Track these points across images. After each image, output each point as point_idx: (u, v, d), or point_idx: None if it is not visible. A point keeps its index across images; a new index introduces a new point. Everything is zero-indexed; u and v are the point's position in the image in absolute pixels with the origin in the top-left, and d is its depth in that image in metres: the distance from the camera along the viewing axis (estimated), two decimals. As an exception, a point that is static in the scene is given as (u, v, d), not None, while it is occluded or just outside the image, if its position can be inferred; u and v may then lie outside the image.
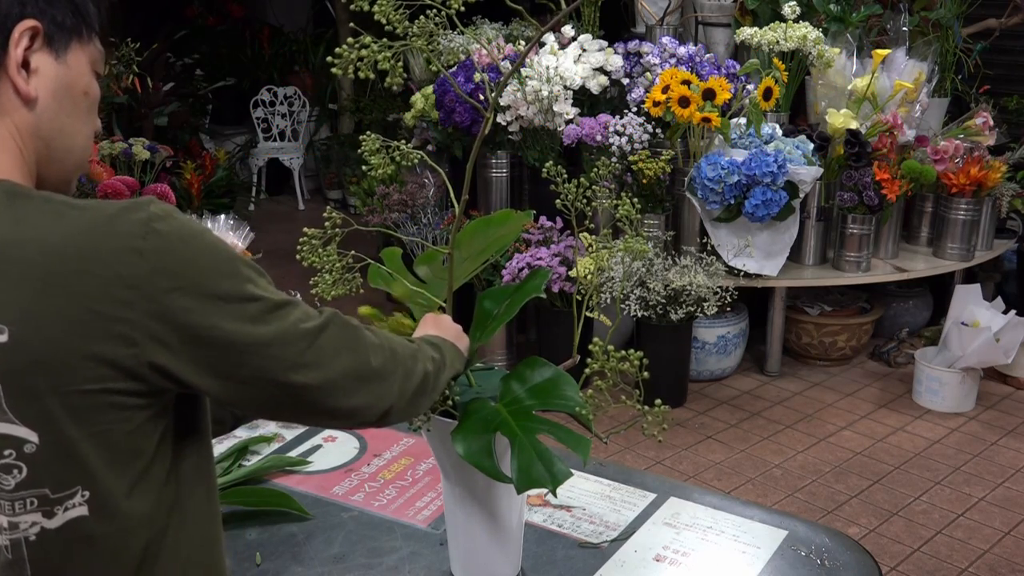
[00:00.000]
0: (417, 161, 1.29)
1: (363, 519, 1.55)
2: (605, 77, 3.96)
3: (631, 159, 3.77)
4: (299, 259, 1.29)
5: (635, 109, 3.86)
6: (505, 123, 4.03)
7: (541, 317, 4.01)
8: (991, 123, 4.33)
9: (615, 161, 3.78)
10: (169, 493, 0.93)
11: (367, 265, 1.34)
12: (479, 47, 4.26)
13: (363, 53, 1.15)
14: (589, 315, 1.33)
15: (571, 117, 3.88)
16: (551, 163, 1.35)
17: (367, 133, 1.29)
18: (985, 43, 4.72)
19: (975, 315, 3.81)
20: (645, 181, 3.80)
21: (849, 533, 2.42)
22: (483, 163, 4.22)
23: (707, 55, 4.06)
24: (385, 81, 1.18)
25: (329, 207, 1.32)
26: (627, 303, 3.60)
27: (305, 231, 1.28)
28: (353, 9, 1.14)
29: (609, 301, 3.46)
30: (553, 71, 3.85)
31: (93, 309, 0.83)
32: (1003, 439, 3.64)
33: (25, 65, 0.90)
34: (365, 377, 0.99)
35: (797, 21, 3.99)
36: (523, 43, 4.43)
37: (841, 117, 3.90)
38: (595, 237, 1.40)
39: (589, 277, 1.34)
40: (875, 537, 2.97)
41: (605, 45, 4.01)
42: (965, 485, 3.30)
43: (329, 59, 1.17)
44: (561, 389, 1.22)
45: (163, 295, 0.85)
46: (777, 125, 4.01)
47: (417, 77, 4.91)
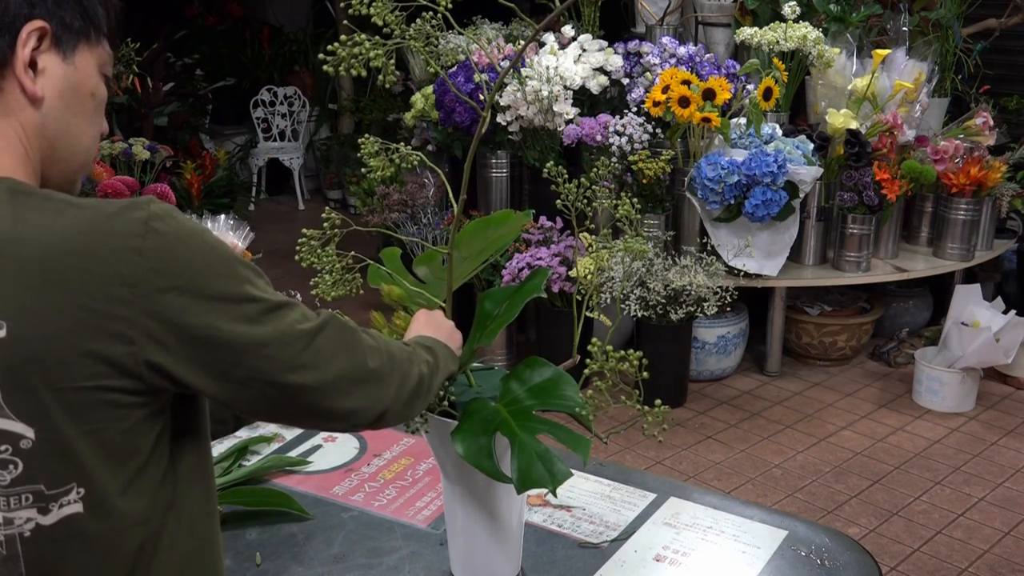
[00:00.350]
0: (416, 162, 1.29)
1: (363, 519, 1.55)
2: (605, 77, 3.96)
3: (631, 159, 3.76)
4: (298, 260, 1.29)
5: (635, 109, 3.86)
6: (505, 123, 4.03)
7: (541, 317, 4.01)
8: (991, 123, 4.33)
9: (615, 161, 3.78)
10: (166, 492, 0.93)
11: (367, 265, 1.34)
12: (478, 47, 4.26)
13: (356, 51, 1.15)
14: (589, 315, 1.33)
15: (571, 117, 3.88)
16: (551, 163, 1.35)
17: (366, 135, 1.29)
18: (985, 43, 4.72)
19: (975, 315, 3.81)
20: (645, 181, 3.80)
21: (849, 533, 2.42)
22: (483, 163, 4.22)
23: (707, 55, 4.06)
24: (380, 79, 1.18)
25: (329, 207, 1.32)
26: (627, 303, 3.60)
27: (304, 232, 1.28)
28: (351, 13, 1.14)
29: (609, 301, 3.46)
30: (553, 71, 3.85)
31: (91, 307, 0.83)
32: (1003, 439, 3.64)
33: (32, 65, 0.91)
34: (361, 379, 0.99)
35: (797, 21, 3.99)
36: (522, 43, 4.42)
37: (841, 117, 3.90)
38: (595, 237, 1.40)
39: (589, 277, 1.34)
40: (875, 537, 2.97)
41: (605, 45, 4.01)
42: (965, 485, 3.30)
43: (321, 56, 1.17)
44: (561, 389, 1.22)
45: (161, 294, 0.85)
46: (777, 125, 4.01)
47: (417, 77, 4.91)
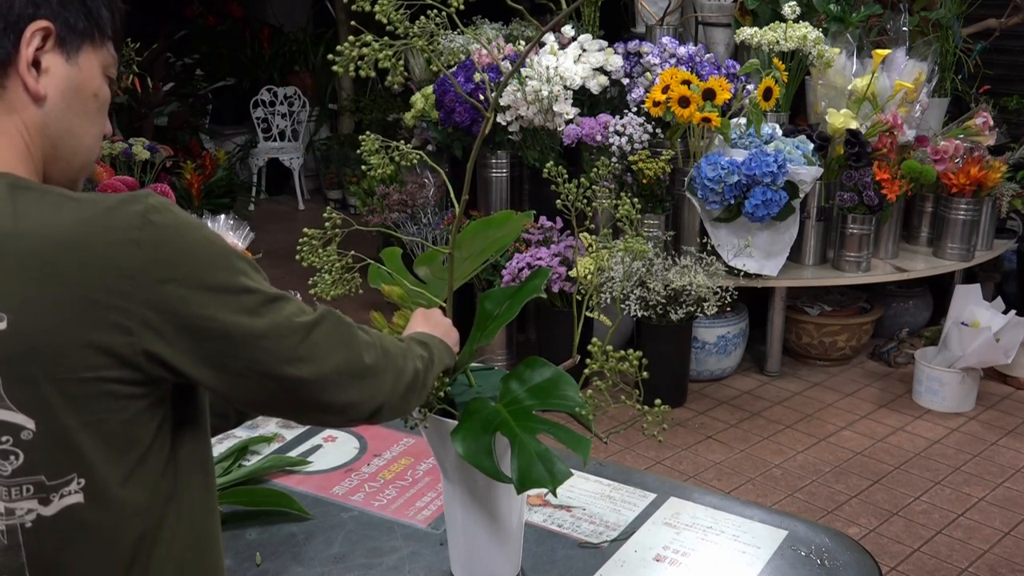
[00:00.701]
0: (417, 161, 1.29)
1: (363, 519, 1.55)
2: (605, 77, 3.96)
3: (631, 159, 3.76)
4: (299, 259, 1.29)
5: (635, 109, 3.86)
6: (505, 123, 4.03)
7: (541, 317, 4.01)
8: (991, 123, 4.33)
9: (615, 161, 3.78)
10: (166, 483, 0.94)
11: (367, 265, 1.34)
12: (479, 47, 4.26)
13: (364, 52, 1.15)
14: (589, 315, 1.33)
15: (571, 117, 3.88)
16: (551, 163, 1.35)
17: (367, 133, 1.29)
18: (985, 43, 4.72)
19: (975, 315, 3.81)
20: (645, 181, 3.80)
21: (849, 533, 2.42)
22: (483, 163, 4.22)
23: (707, 55, 4.06)
24: (386, 80, 1.18)
25: (329, 207, 1.32)
26: (627, 303, 3.60)
27: (305, 231, 1.28)
28: (354, 9, 1.14)
29: (609, 301, 3.46)
30: (553, 71, 3.85)
31: (90, 298, 0.84)
32: (1003, 439, 3.64)
33: (36, 64, 0.93)
34: (358, 373, 1.00)
35: (797, 21, 3.99)
36: (523, 43, 4.43)
37: (841, 117, 3.90)
38: (595, 237, 1.40)
39: (589, 277, 1.34)
40: (875, 537, 2.97)
41: (605, 45, 4.01)
42: (965, 485, 3.30)
43: (330, 57, 1.17)
44: (561, 389, 1.22)
45: (159, 285, 0.86)
46: (777, 125, 4.01)
47: (417, 77, 4.91)
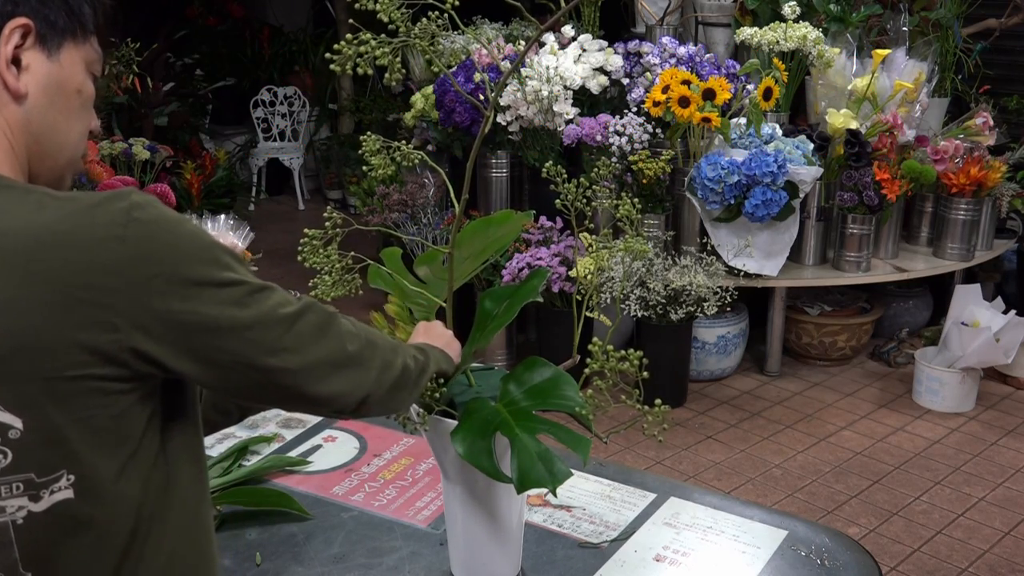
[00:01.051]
0: (417, 161, 1.29)
1: (363, 519, 1.55)
2: (605, 77, 3.96)
3: (631, 159, 3.76)
4: (300, 260, 1.29)
5: (635, 109, 3.86)
6: (505, 123, 4.03)
7: (541, 317, 4.02)
8: (991, 123, 4.33)
9: (615, 161, 3.78)
10: (158, 476, 0.94)
11: (367, 265, 1.34)
12: (479, 47, 4.26)
13: (362, 49, 1.15)
14: (589, 315, 1.33)
15: (571, 117, 3.88)
16: (551, 163, 1.35)
17: (367, 133, 1.29)
18: (985, 43, 4.72)
19: (975, 315, 3.81)
20: (645, 181, 3.80)
21: (849, 533, 2.42)
22: (483, 163, 4.22)
23: (707, 55, 4.06)
24: (384, 78, 1.18)
25: (329, 207, 1.32)
26: (627, 303, 3.60)
27: (306, 232, 1.28)
28: (357, 8, 1.14)
29: (609, 301, 3.46)
30: (553, 71, 3.85)
31: (75, 296, 0.84)
32: (1003, 439, 3.64)
33: (16, 62, 0.93)
34: (342, 363, 1.01)
35: (797, 21, 3.99)
36: (523, 43, 4.43)
37: (841, 117, 3.91)
38: (595, 237, 1.40)
39: (589, 277, 1.34)
40: (875, 537, 2.97)
41: (605, 45, 4.01)
42: (965, 485, 3.30)
43: (328, 56, 1.17)
44: (561, 389, 1.22)
45: (144, 281, 0.86)
46: (777, 125, 4.01)
47: (417, 77, 4.91)
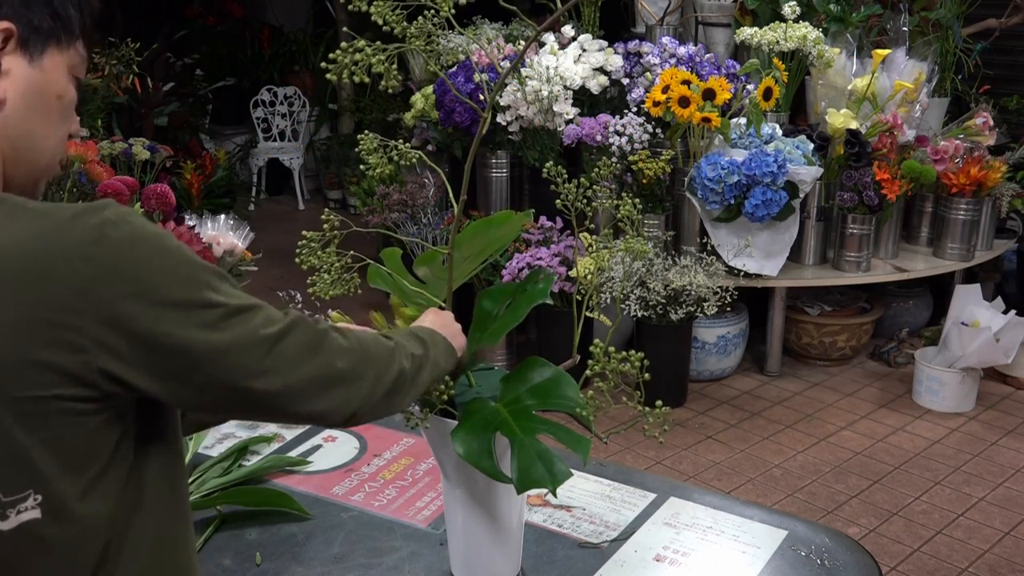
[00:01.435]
0: (416, 161, 1.29)
1: (363, 519, 1.55)
2: (605, 77, 3.96)
3: (631, 159, 3.76)
4: (299, 262, 1.29)
5: (635, 109, 3.86)
6: (505, 123, 4.03)
7: (541, 317, 4.01)
8: (991, 123, 4.33)
9: (615, 161, 3.77)
10: (130, 495, 0.92)
11: (366, 265, 1.34)
12: (478, 47, 4.26)
13: (358, 57, 1.14)
14: (589, 315, 1.33)
15: (571, 117, 3.88)
16: (551, 163, 1.35)
17: (365, 133, 1.29)
18: (985, 43, 4.72)
19: (975, 315, 3.81)
20: (645, 181, 3.80)
21: (849, 533, 2.42)
22: (483, 163, 4.22)
23: (707, 55, 4.06)
24: (381, 84, 1.17)
25: (329, 207, 1.32)
26: (627, 303, 3.59)
27: (304, 234, 1.28)
28: (351, 10, 1.14)
29: (609, 301, 3.46)
30: (553, 71, 3.85)
31: (43, 316, 0.81)
32: (1003, 439, 3.64)
33: None
34: (331, 382, 0.97)
35: (797, 21, 3.99)
36: (522, 43, 4.43)
37: (841, 117, 3.90)
38: (595, 237, 1.40)
39: (589, 277, 1.34)
40: (875, 537, 2.97)
41: (605, 45, 4.01)
42: (965, 485, 3.30)
43: (323, 65, 1.17)
44: (561, 389, 1.22)
45: (114, 302, 0.83)
46: (777, 125, 4.01)
47: (417, 77, 4.91)
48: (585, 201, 1.33)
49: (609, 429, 1.30)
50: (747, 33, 4.04)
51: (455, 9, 1.17)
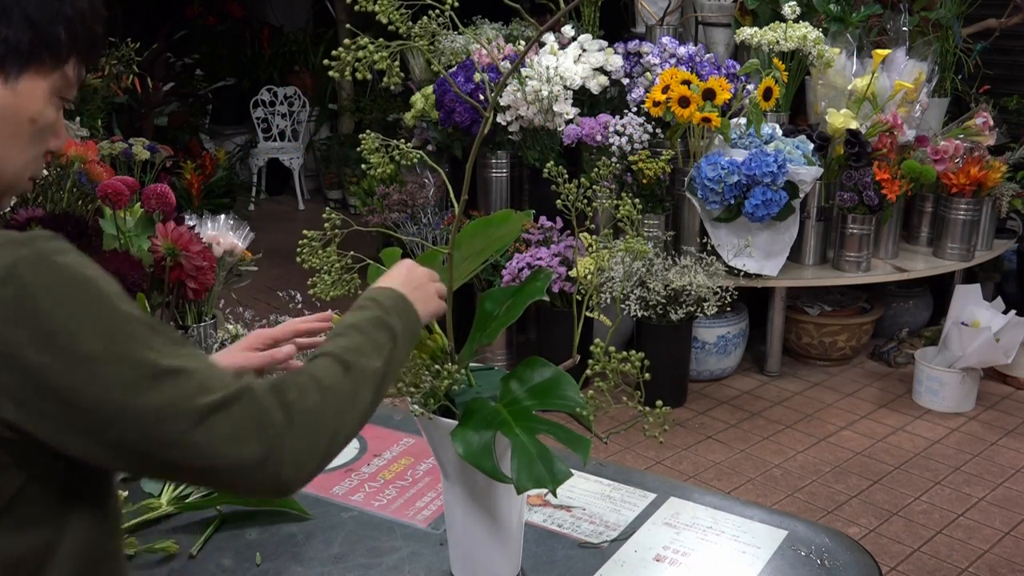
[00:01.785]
0: (416, 161, 1.29)
1: (363, 519, 1.55)
2: (605, 77, 3.96)
3: (631, 159, 3.77)
4: (300, 262, 1.29)
5: (635, 109, 3.86)
6: (505, 123, 4.03)
7: (541, 317, 4.01)
8: (991, 123, 4.33)
9: (615, 161, 3.78)
10: (44, 533, 0.87)
11: (366, 265, 1.34)
12: (479, 47, 4.26)
13: (360, 54, 1.15)
14: (589, 315, 1.33)
15: (571, 117, 3.88)
16: (551, 163, 1.35)
17: (367, 132, 1.29)
18: (985, 43, 4.72)
19: (975, 315, 3.81)
20: (645, 181, 3.80)
21: (849, 533, 2.42)
22: (483, 163, 4.22)
23: (707, 55, 4.06)
24: (383, 81, 1.17)
25: (329, 207, 1.32)
26: (627, 303, 3.60)
27: (305, 234, 1.28)
28: (357, 9, 1.14)
29: (609, 301, 3.46)
30: (553, 71, 3.85)
31: None
32: (1003, 439, 3.64)
33: None
34: (273, 461, 0.85)
35: (797, 21, 3.99)
36: (523, 43, 4.43)
37: (841, 117, 3.91)
38: (595, 237, 1.40)
39: (589, 277, 1.34)
40: (875, 537, 2.97)
41: (605, 45, 4.01)
42: (965, 485, 3.30)
43: (326, 62, 1.17)
44: (561, 389, 1.22)
45: (17, 348, 0.77)
46: (777, 125, 4.01)
47: (417, 77, 4.91)
48: (585, 201, 1.33)
49: (609, 429, 1.30)
50: (747, 33, 4.04)
51: (457, 3, 1.17)
